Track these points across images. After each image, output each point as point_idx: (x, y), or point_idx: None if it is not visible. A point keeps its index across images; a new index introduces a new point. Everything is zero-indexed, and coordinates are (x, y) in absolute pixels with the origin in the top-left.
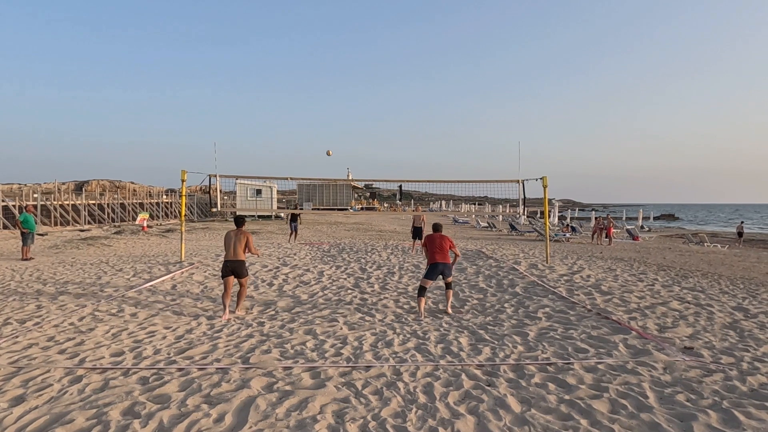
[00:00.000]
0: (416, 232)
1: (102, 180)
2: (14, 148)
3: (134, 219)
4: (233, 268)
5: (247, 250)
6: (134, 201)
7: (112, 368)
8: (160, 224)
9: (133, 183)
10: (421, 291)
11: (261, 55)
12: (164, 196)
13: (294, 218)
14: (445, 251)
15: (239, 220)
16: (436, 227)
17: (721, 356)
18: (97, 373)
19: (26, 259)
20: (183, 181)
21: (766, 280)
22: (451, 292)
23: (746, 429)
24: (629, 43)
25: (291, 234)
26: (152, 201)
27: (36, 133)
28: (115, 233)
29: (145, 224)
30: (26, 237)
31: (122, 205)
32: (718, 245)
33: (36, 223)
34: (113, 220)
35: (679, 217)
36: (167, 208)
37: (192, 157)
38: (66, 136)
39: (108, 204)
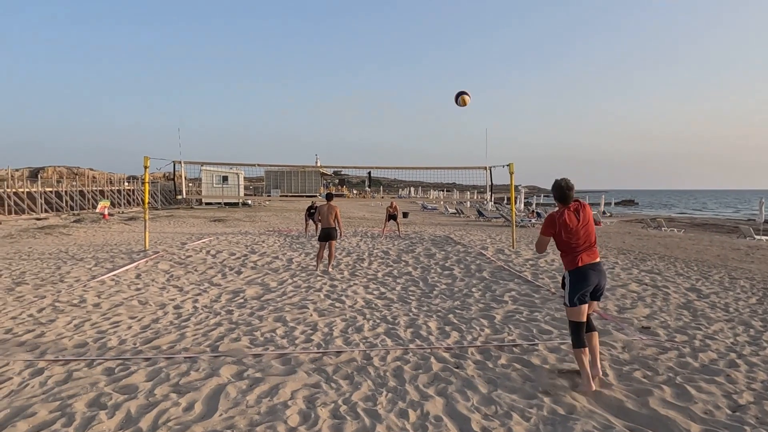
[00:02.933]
0: (391, 218)
1: (59, 167)
2: None
3: (94, 207)
4: (328, 233)
5: (336, 221)
6: (94, 188)
7: (75, 359)
8: (122, 212)
9: (92, 170)
10: None
11: (229, 36)
12: (126, 183)
13: (312, 213)
14: None
15: (329, 197)
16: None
17: (676, 335)
18: (60, 365)
19: None
20: (146, 167)
21: (717, 262)
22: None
23: (697, 402)
24: (599, 31)
25: (307, 224)
26: (113, 188)
27: None
28: (74, 222)
29: (106, 212)
30: None
31: (81, 193)
32: (674, 229)
33: None
34: (72, 208)
35: (638, 203)
36: (129, 196)
37: (155, 143)
38: (19, 120)
39: (66, 191)
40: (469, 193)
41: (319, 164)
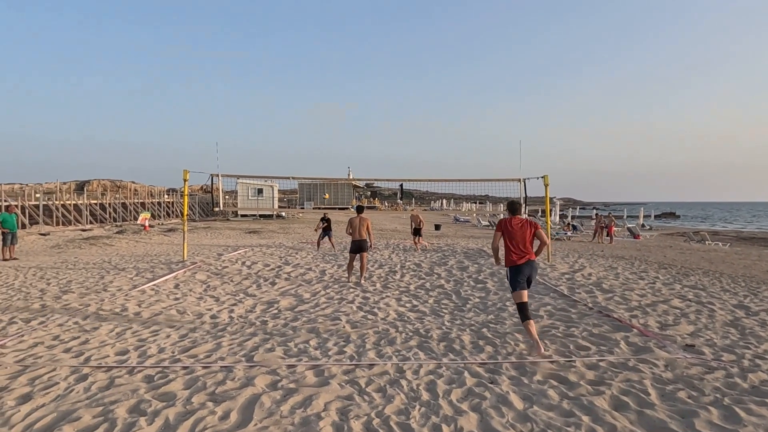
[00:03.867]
0: (416, 232)
1: (103, 180)
2: (16, 149)
3: (136, 218)
4: (360, 246)
5: (367, 233)
6: (136, 201)
7: (117, 367)
8: (162, 224)
9: (134, 183)
10: None
11: (264, 52)
12: (166, 196)
13: (326, 227)
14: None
15: (360, 209)
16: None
17: (723, 354)
18: (103, 372)
19: (6, 260)
20: (185, 180)
21: (766, 278)
22: None
23: (747, 425)
24: (633, 41)
25: (320, 239)
26: (153, 201)
27: (36, 134)
28: (117, 233)
29: (146, 224)
30: (6, 237)
31: (124, 205)
32: (719, 243)
33: (18, 223)
34: (115, 220)
35: (680, 215)
36: (169, 208)
37: (193, 157)
38: (66, 135)
39: (109, 203)
40: (502, 205)
41: (351, 177)
